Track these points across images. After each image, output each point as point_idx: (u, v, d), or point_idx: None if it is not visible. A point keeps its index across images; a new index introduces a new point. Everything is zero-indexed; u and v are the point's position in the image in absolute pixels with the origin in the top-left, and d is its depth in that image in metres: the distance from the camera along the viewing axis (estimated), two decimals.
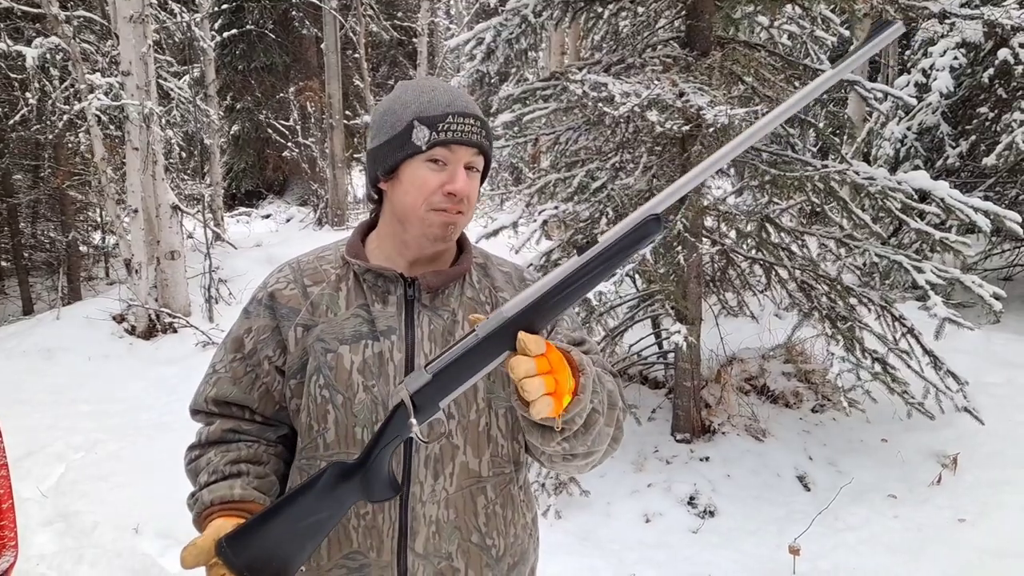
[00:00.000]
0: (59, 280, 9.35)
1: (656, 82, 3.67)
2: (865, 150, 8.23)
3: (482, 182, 1.38)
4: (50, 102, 8.48)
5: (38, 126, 8.85)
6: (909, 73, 7.88)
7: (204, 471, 1.31)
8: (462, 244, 1.43)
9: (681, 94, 3.58)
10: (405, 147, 1.27)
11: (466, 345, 1.08)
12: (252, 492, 1.28)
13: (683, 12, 4.48)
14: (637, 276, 4.96)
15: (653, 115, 3.50)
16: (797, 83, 4.49)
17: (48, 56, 8.11)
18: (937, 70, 7.16)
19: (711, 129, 3.47)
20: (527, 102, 4.45)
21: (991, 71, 7.05)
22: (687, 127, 3.68)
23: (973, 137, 7.46)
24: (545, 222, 4.11)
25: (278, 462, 1.39)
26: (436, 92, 1.30)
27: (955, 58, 7.12)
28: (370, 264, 1.34)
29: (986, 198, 4.10)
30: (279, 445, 1.40)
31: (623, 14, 5.15)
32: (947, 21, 4.17)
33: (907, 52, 8.98)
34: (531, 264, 4.34)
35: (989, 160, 6.70)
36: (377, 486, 1.16)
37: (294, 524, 1.15)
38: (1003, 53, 6.81)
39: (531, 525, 1.44)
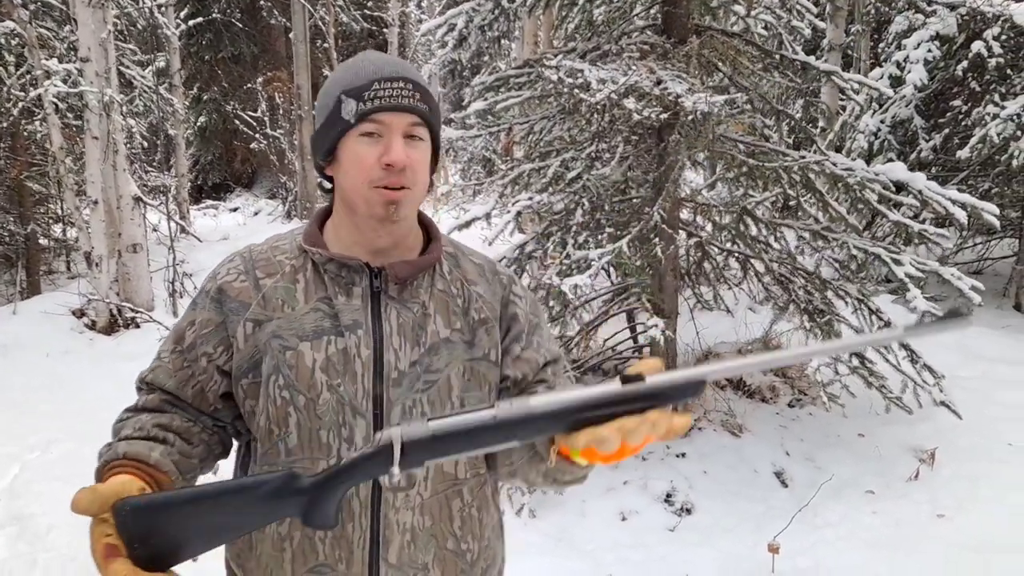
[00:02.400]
0: (17, 274, 9.08)
1: (633, 69, 3.58)
2: (838, 143, 8.22)
3: (435, 157, 1.28)
4: (5, 89, 8.21)
5: None
6: (883, 66, 7.88)
7: (130, 426, 1.20)
8: (431, 233, 1.33)
9: (659, 81, 3.49)
10: (336, 124, 1.18)
11: (480, 420, 0.99)
12: (168, 463, 1.15)
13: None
14: (612, 269, 4.88)
15: (630, 102, 3.41)
16: (775, 73, 4.43)
17: (3, 41, 7.85)
18: (911, 63, 7.15)
19: (690, 117, 3.38)
20: (500, 90, 4.35)
21: (964, 64, 7.05)
22: (665, 115, 3.59)
23: (946, 130, 7.47)
24: (519, 213, 4.01)
25: (206, 450, 1.26)
26: (364, 62, 1.21)
27: (929, 51, 7.11)
28: (332, 253, 1.23)
29: (959, 191, 4.06)
30: (214, 435, 1.27)
31: (597, 1, 5.05)
32: (929, 8, 4.12)
33: (880, 45, 8.99)
34: (504, 257, 4.24)
35: (963, 153, 6.70)
36: (319, 514, 1.04)
37: (212, 517, 1.02)
38: (977, 46, 6.82)
39: (498, 526, 1.36)
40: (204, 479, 1.22)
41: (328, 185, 1.29)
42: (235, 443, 1.34)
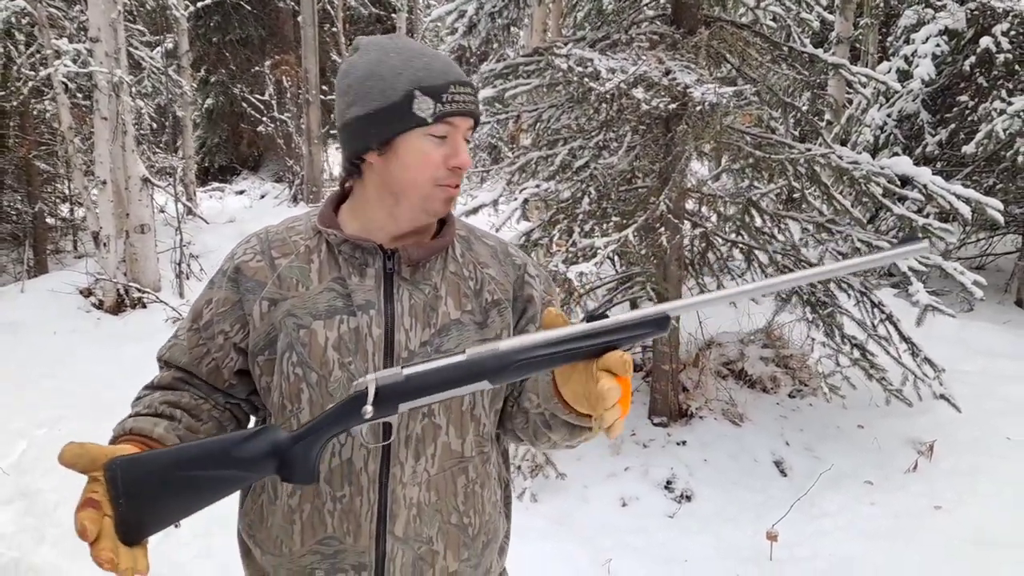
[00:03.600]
0: (24, 252, 9.12)
1: (642, 59, 3.59)
2: (843, 136, 8.22)
3: None
4: (15, 68, 8.22)
5: (2, 93, 8.58)
6: (890, 60, 7.87)
7: (142, 404, 1.25)
8: (445, 217, 1.35)
9: (668, 72, 3.50)
10: (405, 119, 1.18)
11: (450, 361, 1.03)
12: (172, 437, 1.19)
13: None
14: (618, 257, 4.90)
15: (639, 92, 3.43)
16: (783, 65, 4.44)
17: (13, 20, 7.85)
18: (919, 57, 7.14)
19: (698, 108, 3.40)
20: (509, 78, 4.36)
21: (972, 59, 7.04)
22: (673, 105, 3.61)
23: (953, 125, 7.47)
24: (526, 200, 4.03)
25: (216, 426, 1.29)
26: (428, 58, 1.21)
27: (937, 45, 7.10)
28: (347, 234, 1.26)
29: (964, 186, 4.07)
30: (225, 411, 1.31)
31: None
32: (939, 3, 4.12)
33: (889, 38, 8.97)
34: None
35: (968, 148, 6.70)
36: (298, 468, 1.07)
37: (196, 471, 1.04)
38: (985, 41, 6.80)
39: (501, 502, 1.39)
40: None
41: (357, 170, 1.28)
42: (252, 419, 1.38)
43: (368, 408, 1.03)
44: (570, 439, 1.20)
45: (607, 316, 1.03)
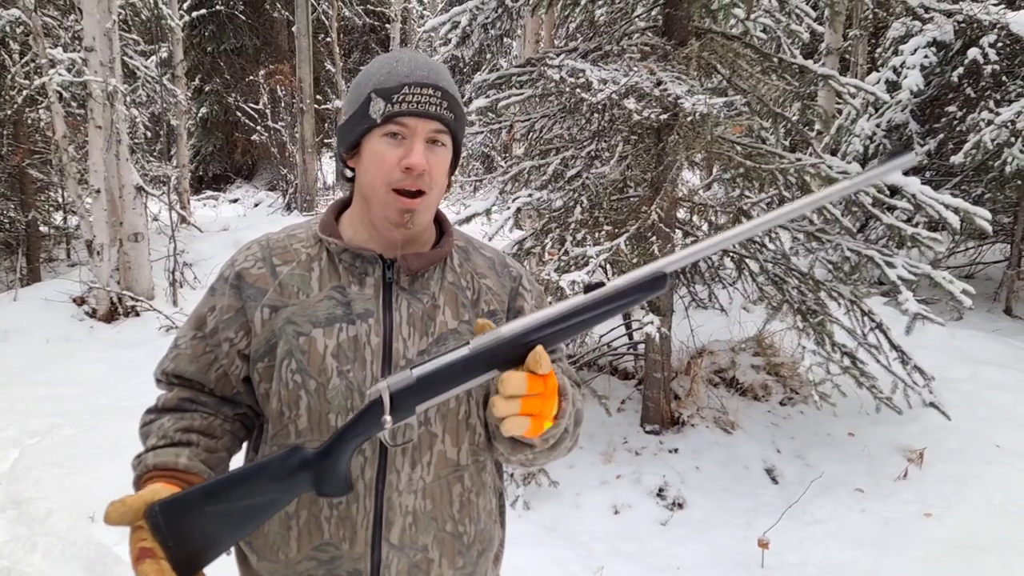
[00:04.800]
0: (18, 261, 9.11)
1: (634, 70, 3.63)
2: (833, 146, 8.28)
3: (454, 162, 1.33)
4: (9, 77, 8.23)
5: None
6: (879, 71, 7.93)
7: (154, 435, 1.25)
8: (443, 226, 1.37)
9: (659, 83, 3.54)
10: (363, 121, 1.22)
11: (457, 355, 1.05)
12: (197, 464, 1.22)
13: (661, 1, 4.44)
14: (610, 266, 4.93)
15: (631, 103, 3.46)
16: (773, 76, 4.48)
17: (8, 29, 7.86)
18: (908, 68, 7.20)
19: (689, 118, 3.44)
20: (503, 88, 4.39)
21: (960, 70, 7.11)
22: (664, 116, 3.65)
23: (941, 135, 7.53)
24: (519, 210, 4.06)
25: (232, 439, 1.32)
26: (399, 63, 1.24)
27: (925, 56, 7.17)
28: (347, 243, 1.28)
29: (952, 196, 4.11)
30: (236, 422, 1.33)
31: (599, 2, 5.10)
32: (926, 15, 4.17)
33: (878, 50, 9.05)
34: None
35: (957, 158, 6.76)
36: (331, 481, 1.11)
37: (234, 503, 1.09)
38: (973, 52, 6.88)
39: (496, 511, 1.41)
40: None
41: (348, 174, 1.33)
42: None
43: (387, 418, 1.06)
44: (512, 452, 1.24)
45: (604, 284, 1.05)
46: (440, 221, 1.38)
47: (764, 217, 1.08)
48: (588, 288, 1.05)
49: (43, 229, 10.31)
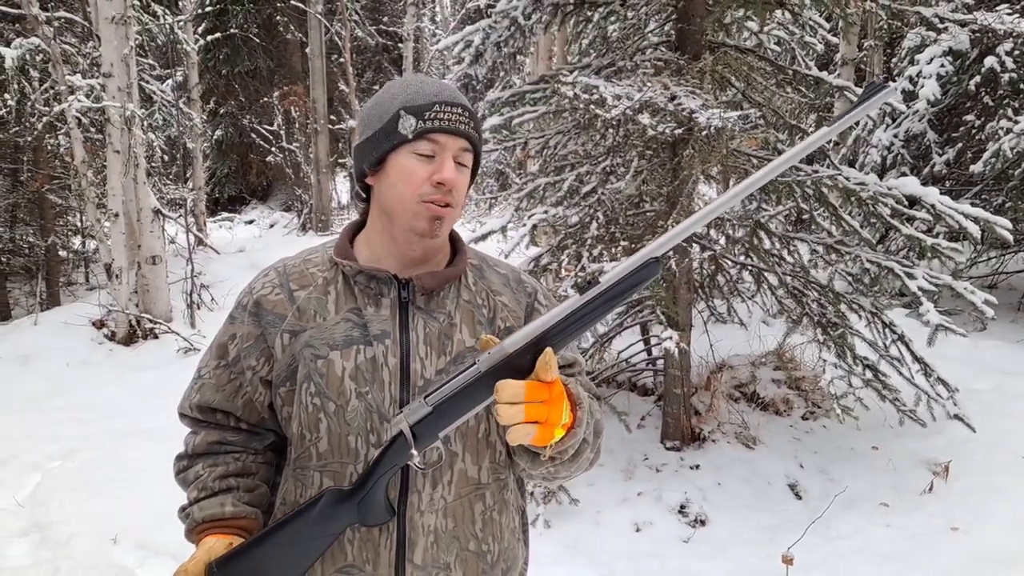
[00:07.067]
0: (37, 285, 9.20)
1: (647, 85, 3.62)
2: (851, 157, 8.24)
3: (471, 182, 1.34)
4: (29, 104, 8.35)
5: (17, 128, 8.70)
6: (896, 81, 7.90)
7: (193, 486, 1.29)
8: (456, 245, 1.38)
9: (673, 97, 3.53)
10: (391, 137, 1.23)
11: (467, 378, 1.07)
12: (243, 508, 1.26)
13: (673, 16, 4.44)
14: None
15: (645, 118, 3.46)
16: (788, 88, 4.47)
17: (28, 57, 7.98)
18: (924, 77, 7.16)
19: (704, 132, 3.42)
20: (516, 105, 4.40)
21: (977, 79, 7.07)
22: (679, 130, 3.64)
23: (959, 144, 7.48)
24: (535, 226, 4.05)
25: (268, 470, 1.36)
26: (424, 84, 1.26)
27: (942, 65, 7.13)
28: (361, 265, 1.28)
29: (972, 205, 4.07)
30: (267, 452, 1.37)
31: (612, 18, 5.11)
32: (941, 25, 4.15)
33: (893, 60, 9.01)
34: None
35: (976, 167, 6.71)
36: (373, 511, 1.16)
37: (286, 549, 1.15)
38: (989, 61, 6.83)
39: (519, 529, 1.41)
40: None
41: (363, 194, 1.34)
42: None
43: (413, 452, 1.11)
44: (533, 466, 1.23)
45: (598, 281, 1.06)
46: (453, 240, 1.38)
47: (751, 178, 1.09)
48: (582, 288, 1.07)
49: (62, 253, 10.44)
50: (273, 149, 15.66)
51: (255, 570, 1.14)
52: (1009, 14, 4.65)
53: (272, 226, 15.52)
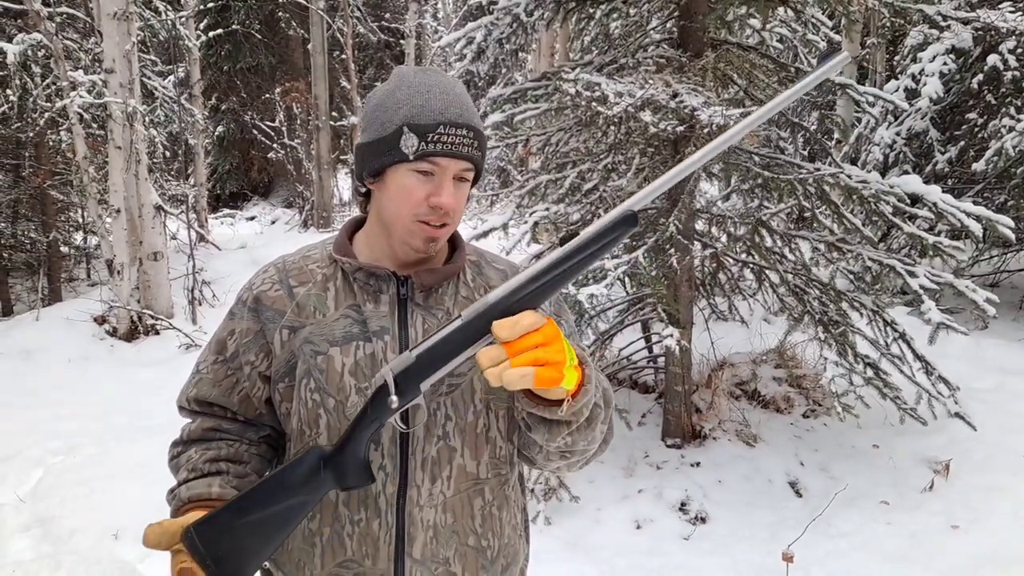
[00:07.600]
0: (39, 281, 9.21)
1: (649, 82, 3.62)
2: (853, 155, 8.23)
3: (472, 183, 1.33)
4: (31, 99, 8.35)
5: (19, 124, 8.72)
6: (898, 79, 7.89)
7: (184, 468, 1.29)
8: (455, 242, 1.38)
9: (675, 95, 3.53)
10: (392, 152, 1.21)
11: (451, 327, 1.08)
12: (230, 491, 1.25)
13: (675, 14, 4.44)
14: (628, 279, 4.91)
15: (647, 115, 3.45)
16: (790, 85, 4.46)
17: (30, 53, 7.97)
18: (927, 75, 7.16)
19: (706, 130, 3.42)
20: (518, 103, 4.40)
21: (980, 77, 7.05)
22: (681, 128, 3.63)
23: (962, 143, 7.46)
24: (536, 223, 4.05)
25: (260, 461, 1.35)
26: (431, 96, 1.22)
27: (944, 64, 7.12)
28: (361, 262, 1.29)
29: (975, 204, 4.07)
30: (261, 444, 1.37)
31: (614, 15, 5.10)
32: (944, 23, 4.14)
33: (896, 58, 9.00)
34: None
35: (978, 166, 6.70)
36: (351, 472, 1.14)
37: (264, 511, 1.12)
38: (992, 59, 6.82)
39: (521, 525, 1.41)
40: None
41: (363, 190, 1.34)
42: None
43: (393, 398, 1.09)
44: (550, 438, 1.17)
45: (577, 233, 1.08)
46: (452, 237, 1.38)
47: (723, 136, 1.11)
48: (563, 240, 1.08)
49: (64, 249, 10.45)
50: (275, 145, 15.65)
51: (232, 536, 1.11)
52: (1012, 12, 4.64)
53: (274, 222, 15.53)
